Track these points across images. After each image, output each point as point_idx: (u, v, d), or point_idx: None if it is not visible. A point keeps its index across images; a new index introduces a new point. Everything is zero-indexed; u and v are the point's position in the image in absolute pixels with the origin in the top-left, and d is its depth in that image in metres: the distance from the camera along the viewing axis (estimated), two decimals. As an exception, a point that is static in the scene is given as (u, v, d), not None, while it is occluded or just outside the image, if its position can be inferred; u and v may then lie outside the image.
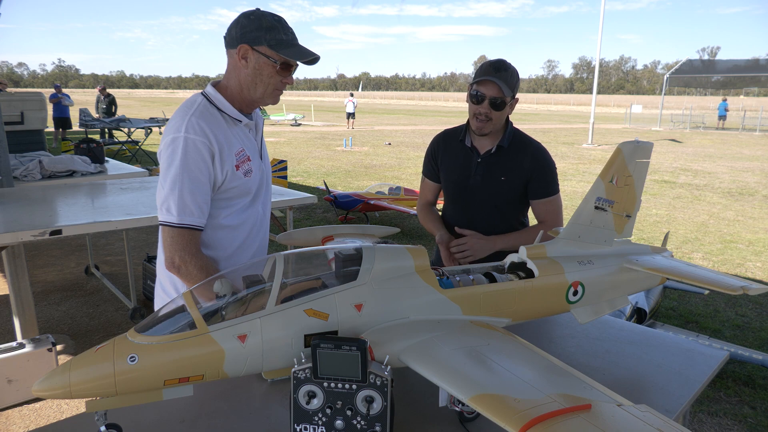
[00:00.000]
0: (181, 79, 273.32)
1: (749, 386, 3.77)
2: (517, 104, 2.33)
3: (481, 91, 2.18)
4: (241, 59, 1.74)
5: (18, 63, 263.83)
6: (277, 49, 1.73)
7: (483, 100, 2.18)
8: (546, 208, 2.33)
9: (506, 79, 2.16)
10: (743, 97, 52.04)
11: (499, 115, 2.21)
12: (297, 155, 15.99)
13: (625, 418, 1.05)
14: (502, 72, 2.16)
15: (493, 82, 2.14)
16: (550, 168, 2.31)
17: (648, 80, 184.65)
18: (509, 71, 2.18)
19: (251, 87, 1.78)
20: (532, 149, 2.31)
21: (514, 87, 2.18)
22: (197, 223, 1.72)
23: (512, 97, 2.22)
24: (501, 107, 2.18)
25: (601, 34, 20.71)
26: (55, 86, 16.76)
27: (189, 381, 1.17)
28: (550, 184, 2.32)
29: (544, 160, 2.30)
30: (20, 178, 4.64)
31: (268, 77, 1.77)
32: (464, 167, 2.36)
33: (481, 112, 2.20)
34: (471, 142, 2.36)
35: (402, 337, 1.29)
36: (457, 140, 2.40)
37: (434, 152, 2.50)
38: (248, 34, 1.71)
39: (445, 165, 2.45)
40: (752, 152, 19.06)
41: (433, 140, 2.54)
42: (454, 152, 2.41)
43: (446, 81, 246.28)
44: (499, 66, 2.18)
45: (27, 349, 3.33)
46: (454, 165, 2.40)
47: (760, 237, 7.76)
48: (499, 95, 2.15)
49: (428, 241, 7.38)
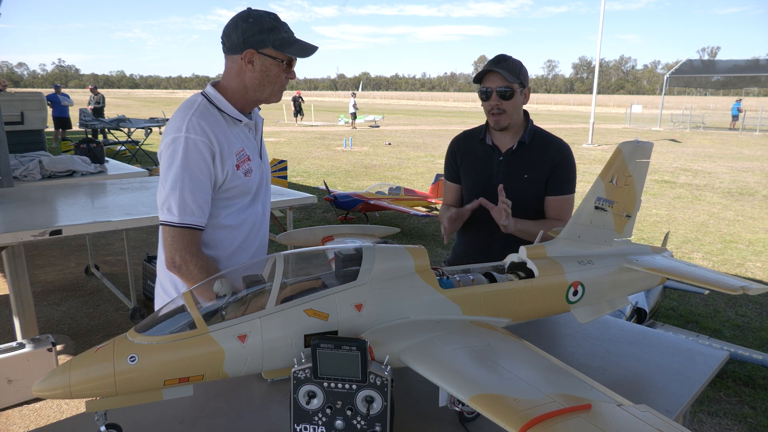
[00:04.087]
0: (181, 79, 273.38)
1: (749, 386, 3.77)
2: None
3: (487, 85, 2.20)
4: (247, 64, 1.74)
5: (18, 63, 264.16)
6: (282, 48, 1.74)
7: (491, 94, 2.19)
8: (560, 206, 2.28)
9: (508, 68, 2.17)
10: (745, 96, 52.19)
11: (510, 104, 2.20)
12: (297, 155, 15.99)
13: (625, 418, 1.05)
14: (502, 63, 2.18)
15: (496, 72, 2.16)
16: (571, 165, 2.29)
17: (648, 80, 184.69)
18: (509, 61, 2.20)
19: (258, 88, 1.79)
20: (555, 145, 2.29)
21: (518, 74, 2.18)
22: (198, 223, 1.72)
23: (521, 85, 2.20)
24: (510, 96, 2.18)
25: (601, 34, 20.71)
26: (55, 86, 16.75)
27: (189, 381, 1.17)
28: (569, 182, 2.28)
29: (567, 157, 2.27)
30: (20, 178, 4.64)
31: (275, 77, 1.79)
32: (486, 166, 2.33)
33: (492, 106, 2.21)
34: (492, 140, 2.34)
35: (402, 337, 1.29)
36: (477, 139, 2.39)
37: (454, 153, 2.46)
38: (251, 38, 1.71)
39: (465, 165, 2.41)
40: (752, 152, 19.05)
41: (452, 141, 2.50)
42: (475, 152, 2.38)
43: (446, 81, 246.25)
44: (499, 58, 2.20)
45: (27, 349, 3.33)
46: (476, 164, 2.37)
47: (760, 237, 7.76)
48: (505, 84, 2.16)
49: (428, 241, 7.38)
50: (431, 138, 22.22)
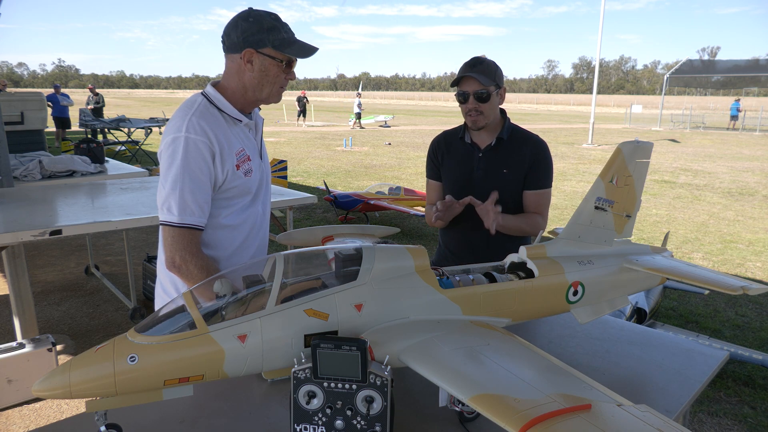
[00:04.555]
0: (181, 79, 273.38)
1: (749, 386, 3.77)
2: (507, 97, 2.40)
3: (464, 89, 2.26)
4: (246, 63, 1.74)
5: (18, 63, 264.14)
6: (282, 48, 1.74)
7: (468, 98, 2.26)
8: (537, 200, 2.37)
9: (483, 71, 2.23)
10: (744, 96, 52.16)
11: (487, 106, 2.26)
12: (297, 155, 15.99)
13: (625, 418, 1.05)
14: (477, 66, 2.25)
15: (472, 77, 2.22)
16: (548, 161, 2.38)
17: (648, 80, 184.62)
18: (485, 64, 2.26)
19: (257, 88, 1.79)
20: (532, 142, 2.38)
21: (494, 77, 2.24)
22: (198, 223, 1.72)
23: (496, 86, 2.27)
24: (486, 99, 2.25)
25: (601, 34, 20.71)
26: (55, 86, 16.76)
27: (189, 381, 1.17)
28: (546, 177, 2.37)
29: (544, 152, 2.37)
30: (20, 178, 4.64)
31: (274, 77, 1.79)
32: (466, 163, 2.41)
33: (470, 108, 2.28)
34: (471, 138, 2.43)
35: (402, 337, 1.29)
36: (457, 138, 2.47)
37: (435, 152, 2.55)
38: (251, 38, 1.71)
39: (446, 163, 2.49)
40: (752, 152, 19.05)
41: (433, 141, 2.58)
42: (456, 150, 2.46)
43: (446, 81, 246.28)
44: (474, 62, 2.27)
45: (27, 349, 3.33)
46: (456, 162, 2.45)
47: (760, 237, 7.76)
48: (481, 87, 2.23)
49: (428, 241, 7.38)
50: (431, 138, 22.13)
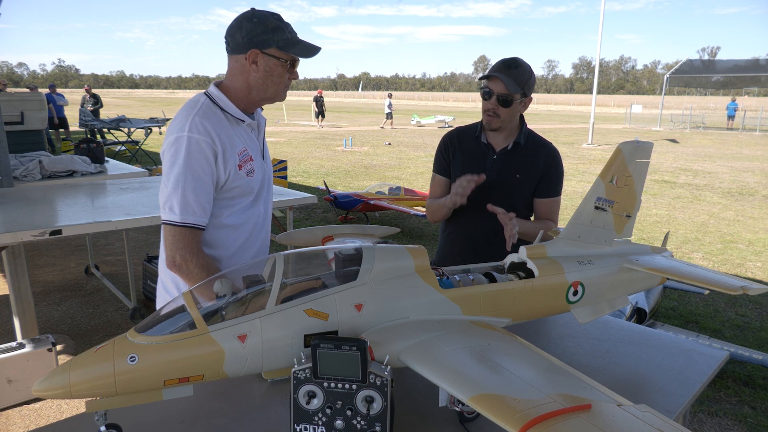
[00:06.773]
0: (181, 79, 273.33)
1: (749, 386, 3.77)
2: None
3: (490, 87, 2.22)
4: (251, 63, 1.75)
5: (18, 63, 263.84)
6: (286, 48, 1.75)
7: (491, 96, 2.23)
8: (549, 208, 2.38)
9: (515, 76, 2.18)
10: (745, 96, 52.07)
11: (507, 112, 2.23)
12: (297, 155, 15.99)
13: (625, 418, 1.05)
14: (512, 69, 2.19)
15: (500, 79, 2.17)
16: (561, 169, 2.39)
17: (648, 80, 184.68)
18: (520, 69, 2.20)
19: (262, 88, 1.80)
20: (547, 149, 2.38)
21: (524, 85, 2.19)
22: (200, 222, 1.72)
23: (522, 95, 2.23)
24: (508, 104, 2.21)
25: (600, 34, 20.71)
26: (50, 86, 16.82)
27: (189, 381, 1.17)
28: (557, 185, 2.39)
29: (557, 161, 2.38)
30: (20, 178, 4.64)
31: (279, 77, 1.79)
32: (479, 163, 2.37)
33: (489, 108, 2.25)
34: (486, 138, 2.39)
35: (402, 337, 1.29)
36: (472, 137, 2.42)
37: (446, 147, 2.48)
38: (255, 38, 1.72)
39: (458, 160, 2.43)
40: (752, 152, 19.05)
41: (445, 136, 2.52)
42: (469, 148, 2.42)
43: (446, 81, 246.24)
44: (510, 63, 2.21)
45: (27, 349, 3.33)
46: (469, 161, 2.40)
47: (760, 237, 7.76)
48: (506, 92, 2.18)
49: (428, 241, 7.38)
50: (431, 138, 22.21)
